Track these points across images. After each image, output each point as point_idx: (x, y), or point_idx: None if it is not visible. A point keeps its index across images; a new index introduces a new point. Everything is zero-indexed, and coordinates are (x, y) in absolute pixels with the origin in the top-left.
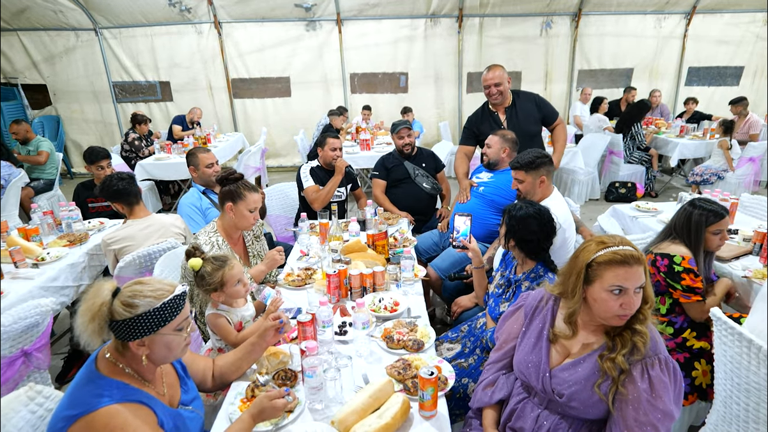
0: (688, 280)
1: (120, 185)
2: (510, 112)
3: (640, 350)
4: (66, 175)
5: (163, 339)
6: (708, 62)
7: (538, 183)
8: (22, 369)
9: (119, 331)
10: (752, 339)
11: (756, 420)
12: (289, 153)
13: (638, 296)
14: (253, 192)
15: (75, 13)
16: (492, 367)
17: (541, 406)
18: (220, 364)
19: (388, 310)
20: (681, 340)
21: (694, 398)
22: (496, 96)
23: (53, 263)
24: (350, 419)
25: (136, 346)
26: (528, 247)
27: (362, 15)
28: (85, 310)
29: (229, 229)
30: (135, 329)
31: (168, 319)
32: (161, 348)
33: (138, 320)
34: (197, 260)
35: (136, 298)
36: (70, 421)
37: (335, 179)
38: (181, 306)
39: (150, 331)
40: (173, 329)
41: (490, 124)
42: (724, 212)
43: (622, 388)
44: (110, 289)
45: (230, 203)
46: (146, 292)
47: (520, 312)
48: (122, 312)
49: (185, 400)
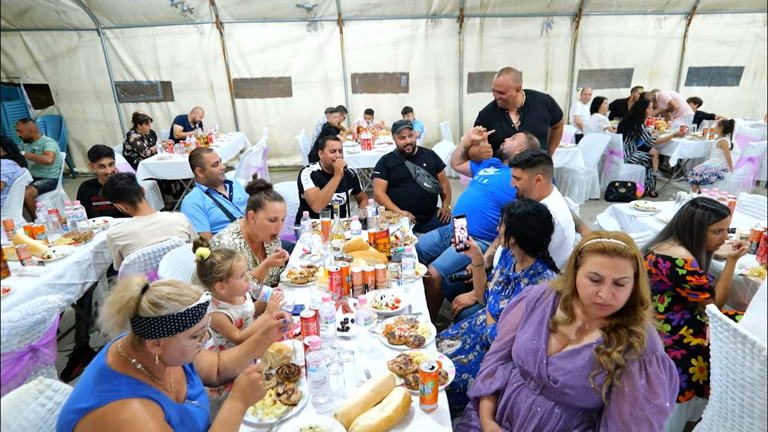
0: (694, 280)
1: (120, 184)
2: (523, 113)
3: (636, 350)
4: (68, 175)
5: (179, 344)
6: (708, 62)
7: (534, 181)
8: (29, 364)
9: (140, 327)
10: (747, 335)
11: (750, 414)
12: (290, 153)
13: (619, 290)
14: (274, 201)
15: (77, 14)
16: (492, 357)
17: (535, 392)
18: (225, 359)
19: (390, 307)
20: (678, 337)
21: (691, 394)
22: (500, 102)
23: (59, 261)
24: (353, 412)
25: (151, 345)
26: (528, 244)
27: (363, 15)
28: (113, 302)
29: (252, 235)
30: (155, 329)
31: (188, 325)
32: (174, 351)
33: (160, 321)
34: (206, 249)
35: (163, 299)
36: (81, 413)
37: (334, 180)
38: (202, 315)
39: (168, 334)
40: (190, 336)
41: (501, 124)
42: (725, 211)
43: (617, 381)
44: (140, 285)
45: (251, 211)
46: (174, 296)
47: (522, 303)
48: (147, 310)
49: (191, 394)
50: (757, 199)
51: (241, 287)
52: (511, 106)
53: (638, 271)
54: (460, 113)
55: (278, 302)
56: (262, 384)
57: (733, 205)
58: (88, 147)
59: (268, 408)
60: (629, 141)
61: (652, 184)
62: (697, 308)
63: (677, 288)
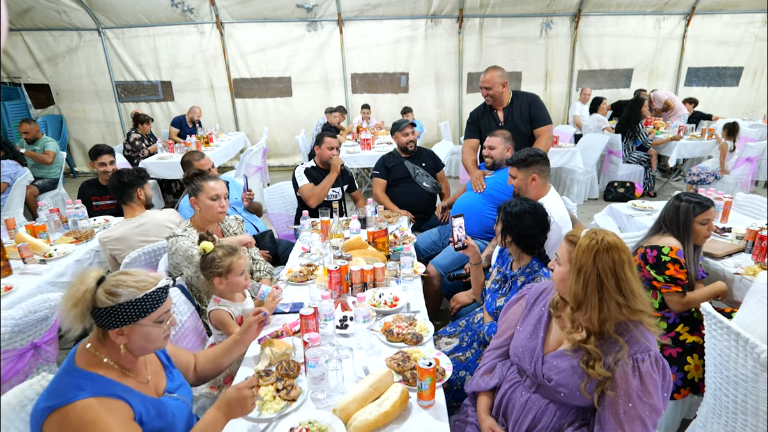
0: (672, 270)
1: (112, 180)
2: (507, 111)
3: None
4: (69, 174)
5: (143, 330)
6: (707, 63)
7: (529, 180)
8: (31, 361)
9: (100, 318)
10: (740, 332)
11: (744, 411)
12: (290, 152)
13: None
14: (210, 180)
15: (78, 14)
16: (491, 354)
17: (531, 390)
18: (202, 360)
19: (388, 305)
20: (674, 334)
21: (686, 392)
22: (487, 98)
23: (60, 259)
24: (351, 407)
25: (115, 335)
26: (524, 243)
27: (363, 15)
28: (69, 296)
29: (202, 223)
30: (115, 318)
31: (149, 310)
32: (140, 338)
33: (119, 309)
34: (209, 243)
35: (120, 287)
36: (47, 412)
37: (330, 176)
38: (162, 299)
39: (130, 321)
40: (153, 321)
41: (489, 121)
42: (709, 203)
43: (609, 391)
44: (95, 277)
45: (193, 198)
46: (130, 282)
47: (522, 301)
48: (104, 300)
49: (170, 387)
50: (754, 198)
51: (240, 284)
52: (497, 104)
53: (580, 268)
54: (459, 113)
55: (275, 300)
56: (250, 403)
57: (729, 204)
58: (89, 147)
59: (267, 403)
60: (628, 141)
61: (650, 184)
62: None
63: (654, 282)
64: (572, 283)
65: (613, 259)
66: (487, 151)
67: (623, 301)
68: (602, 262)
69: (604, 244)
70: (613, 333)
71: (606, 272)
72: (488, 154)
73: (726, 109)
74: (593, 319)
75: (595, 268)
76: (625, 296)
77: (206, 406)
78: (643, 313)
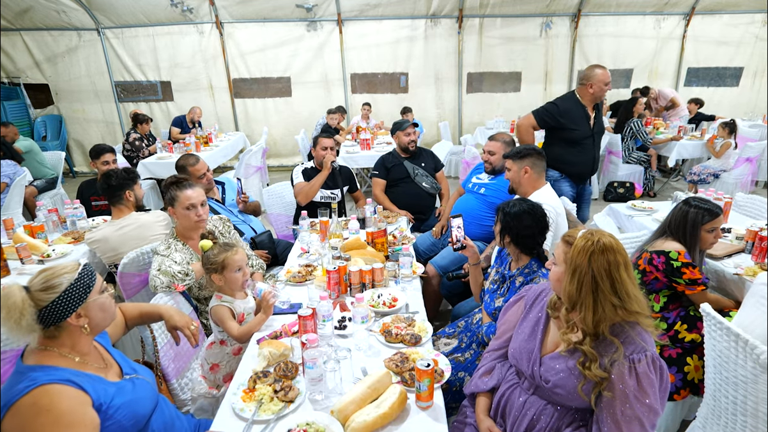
0: (688, 273)
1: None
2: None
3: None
4: (68, 174)
5: (96, 303)
6: (707, 63)
7: (522, 173)
8: None
9: (50, 315)
10: (740, 333)
11: (743, 412)
12: (289, 152)
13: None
14: (186, 189)
15: (78, 14)
16: (491, 355)
17: (528, 392)
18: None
19: (387, 306)
20: (674, 333)
21: (686, 393)
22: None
23: (59, 260)
24: (349, 409)
25: (75, 319)
26: (523, 243)
27: (363, 15)
28: (8, 316)
29: (184, 232)
30: (67, 305)
31: (90, 284)
32: (97, 312)
33: (66, 295)
34: (208, 241)
35: (53, 279)
36: (3, 411)
37: (321, 174)
38: (94, 272)
39: (82, 300)
40: (99, 292)
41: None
42: (718, 211)
43: (606, 392)
44: (20, 287)
45: (171, 208)
46: (59, 271)
47: (521, 302)
48: (46, 297)
49: (127, 370)
50: (754, 199)
51: (237, 280)
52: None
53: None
54: (459, 113)
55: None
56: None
57: (729, 205)
58: (88, 147)
59: (265, 404)
60: (628, 141)
61: (650, 184)
62: (692, 305)
63: (673, 283)
64: (567, 284)
65: (608, 260)
66: (487, 156)
67: (618, 302)
68: (597, 264)
69: (599, 245)
70: (608, 334)
71: (601, 273)
72: (488, 159)
73: (726, 109)
74: (587, 320)
75: (590, 269)
76: (621, 298)
77: (205, 406)
78: (639, 314)
